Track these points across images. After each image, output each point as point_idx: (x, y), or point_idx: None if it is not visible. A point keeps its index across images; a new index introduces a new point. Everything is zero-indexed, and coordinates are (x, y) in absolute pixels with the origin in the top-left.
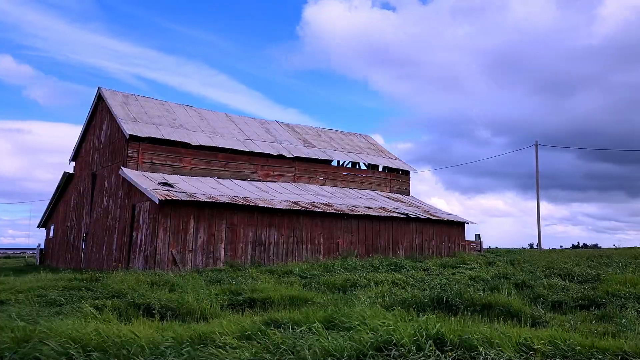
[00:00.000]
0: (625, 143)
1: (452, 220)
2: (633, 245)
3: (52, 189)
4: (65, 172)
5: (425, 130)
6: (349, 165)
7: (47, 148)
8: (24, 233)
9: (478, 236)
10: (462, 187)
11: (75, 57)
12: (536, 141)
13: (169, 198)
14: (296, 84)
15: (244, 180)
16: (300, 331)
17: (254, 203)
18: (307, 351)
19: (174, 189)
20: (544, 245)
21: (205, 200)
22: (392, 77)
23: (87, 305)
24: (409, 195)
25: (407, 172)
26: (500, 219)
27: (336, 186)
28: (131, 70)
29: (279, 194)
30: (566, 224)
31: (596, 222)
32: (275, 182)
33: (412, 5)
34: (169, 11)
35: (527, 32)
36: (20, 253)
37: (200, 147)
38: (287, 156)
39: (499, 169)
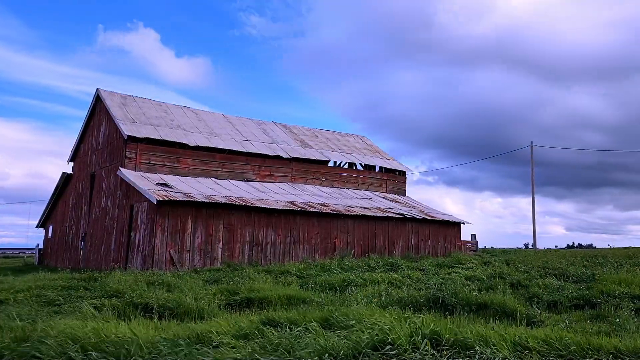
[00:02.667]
0: None
1: (447, 220)
2: (627, 245)
3: None
4: (63, 173)
5: None
6: (346, 166)
7: None
8: (4, 233)
9: (474, 236)
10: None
11: (26, 78)
12: (531, 142)
13: (166, 198)
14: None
15: (241, 180)
16: (297, 330)
17: (251, 203)
18: (304, 350)
19: (171, 190)
20: (539, 245)
21: (203, 200)
22: None
23: (86, 304)
24: (405, 196)
25: (403, 173)
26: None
27: (333, 186)
28: (77, 87)
29: (276, 194)
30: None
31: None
32: (272, 182)
33: None
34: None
35: None
36: (19, 253)
37: (197, 148)
38: (284, 157)
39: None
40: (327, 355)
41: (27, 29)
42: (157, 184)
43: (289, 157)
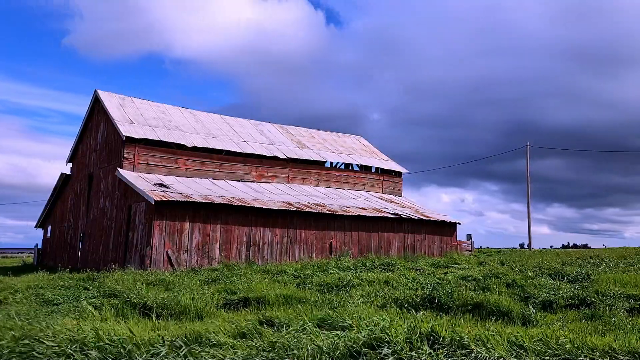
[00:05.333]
0: None
1: (443, 221)
2: (623, 245)
3: None
4: (62, 173)
5: None
6: (342, 167)
7: None
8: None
9: (469, 236)
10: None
11: None
12: (527, 143)
13: (164, 199)
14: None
15: (239, 181)
16: (295, 330)
17: (249, 204)
18: (301, 349)
19: (169, 190)
20: (535, 245)
21: (200, 201)
22: None
23: (85, 303)
24: (401, 196)
25: (400, 173)
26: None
27: (329, 187)
28: (34, 102)
29: (273, 194)
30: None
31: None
32: (269, 183)
33: None
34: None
35: None
36: (18, 253)
37: (195, 149)
38: (281, 157)
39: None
40: (324, 354)
41: None
42: (154, 184)
43: (285, 157)
